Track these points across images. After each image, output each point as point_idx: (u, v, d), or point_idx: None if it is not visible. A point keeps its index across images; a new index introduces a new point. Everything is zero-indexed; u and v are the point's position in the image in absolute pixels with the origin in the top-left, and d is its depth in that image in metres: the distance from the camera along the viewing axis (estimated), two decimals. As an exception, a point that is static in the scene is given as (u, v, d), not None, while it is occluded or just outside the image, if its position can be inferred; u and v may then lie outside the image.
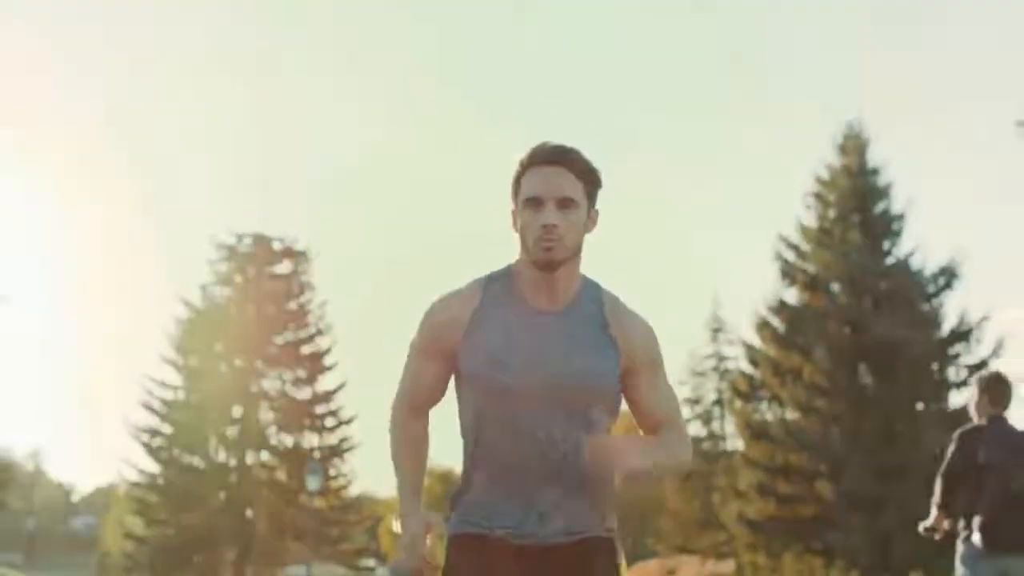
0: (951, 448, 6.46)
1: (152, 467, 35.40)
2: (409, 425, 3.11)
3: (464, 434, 3.03)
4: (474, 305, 2.98)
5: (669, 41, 78.16)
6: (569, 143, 2.99)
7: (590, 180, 2.96)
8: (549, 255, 2.89)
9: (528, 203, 2.92)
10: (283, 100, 74.01)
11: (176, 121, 76.54)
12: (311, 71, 75.57)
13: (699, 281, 75.44)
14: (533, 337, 2.94)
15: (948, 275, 29.15)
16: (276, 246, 37.20)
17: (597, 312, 2.99)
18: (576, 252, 2.96)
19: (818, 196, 30.57)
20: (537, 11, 78.63)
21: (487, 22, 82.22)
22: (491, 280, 3.02)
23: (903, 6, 71.27)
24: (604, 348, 2.96)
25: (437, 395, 3.09)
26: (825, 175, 30.54)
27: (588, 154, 2.98)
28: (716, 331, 44.06)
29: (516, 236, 2.99)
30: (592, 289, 3.03)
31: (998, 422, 6.44)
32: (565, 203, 2.90)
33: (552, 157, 2.92)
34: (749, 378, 31.03)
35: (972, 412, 6.58)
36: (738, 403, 31.32)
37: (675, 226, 74.20)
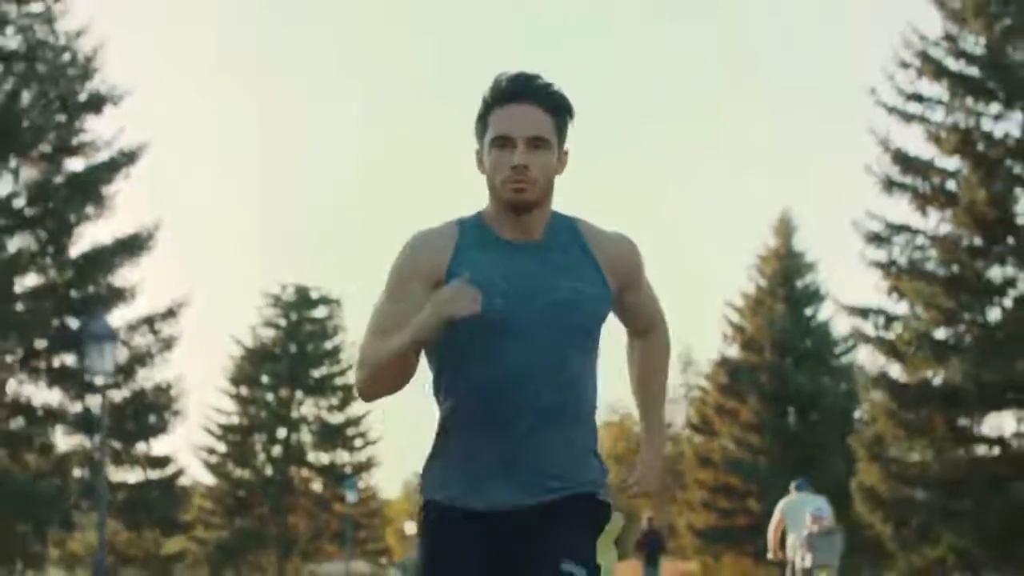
0: (640, 532, 21.37)
1: (209, 480, 41.67)
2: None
3: (439, 390, 2.80)
4: (454, 242, 2.76)
5: (668, 46, 78.23)
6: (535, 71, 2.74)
7: (561, 113, 2.75)
8: (520, 196, 2.69)
9: (495, 142, 2.71)
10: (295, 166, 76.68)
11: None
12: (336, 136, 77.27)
13: (675, 313, 79.19)
14: (518, 266, 2.73)
15: (856, 338, 36.16)
16: (314, 295, 43.44)
17: (575, 238, 2.81)
18: (547, 193, 2.75)
19: (758, 268, 37.50)
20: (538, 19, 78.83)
21: (486, 26, 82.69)
22: (463, 222, 2.81)
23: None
24: (590, 271, 2.79)
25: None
26: (762, 251, 37.47)
27: (557, 84, 2.76)
28: (687, 365, 50.90)
29: (484, 178, 2.76)
30: (563, 219, 2.84)
31: (651, 528, 21.63)
32: (535, 142, 2.69)
33: (521, 92, 2.72)
34: (702, 415, 38.22)
35: (644, 525, 21.40)
36: (692, 435, 38.62)
37: (658, 254, 78.48)
